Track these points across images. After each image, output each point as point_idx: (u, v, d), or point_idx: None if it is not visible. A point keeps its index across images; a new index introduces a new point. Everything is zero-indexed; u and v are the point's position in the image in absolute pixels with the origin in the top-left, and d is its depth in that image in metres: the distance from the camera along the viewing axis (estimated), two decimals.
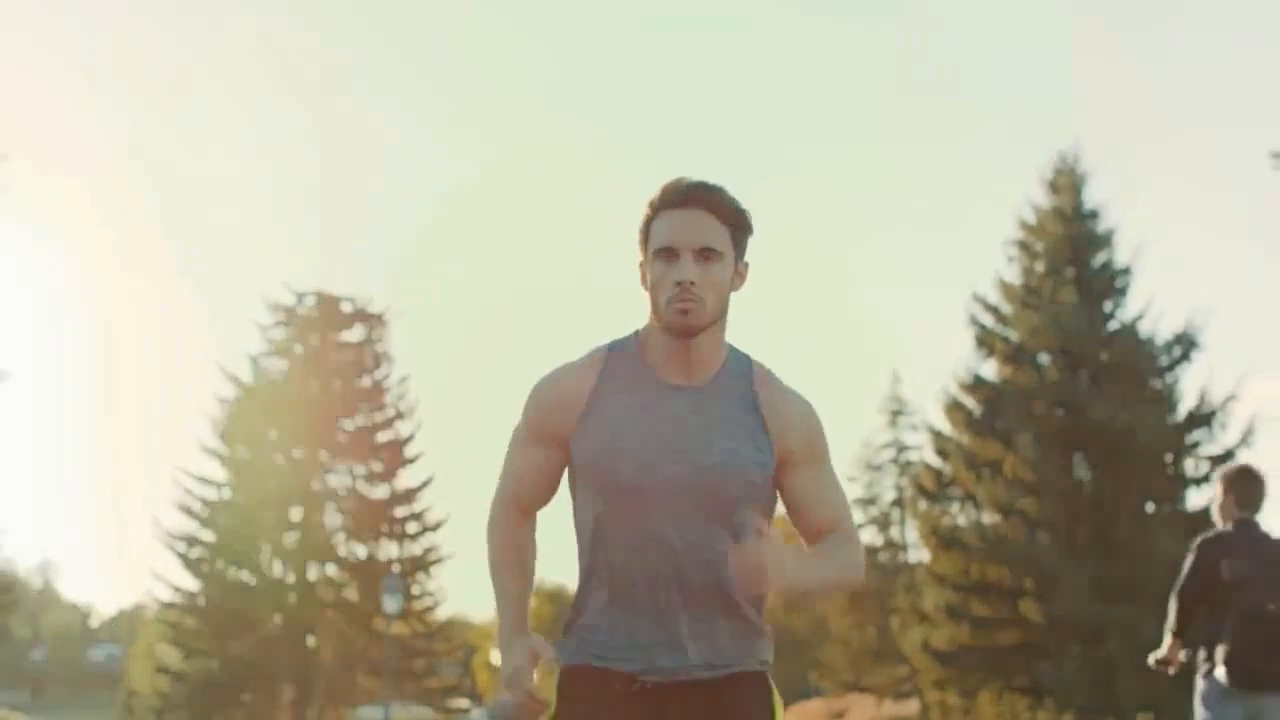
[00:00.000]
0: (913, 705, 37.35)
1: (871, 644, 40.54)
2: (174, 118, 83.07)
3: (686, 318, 3.16)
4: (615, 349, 3.31)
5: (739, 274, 3.26)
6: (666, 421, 3.21)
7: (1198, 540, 6.92)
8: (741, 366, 3.30)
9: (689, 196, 3.20)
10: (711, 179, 3.28)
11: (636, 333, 3.32)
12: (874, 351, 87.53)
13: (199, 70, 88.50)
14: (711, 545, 3.19)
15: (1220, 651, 6.65)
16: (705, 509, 3.18)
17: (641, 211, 3.29)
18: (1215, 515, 7.08)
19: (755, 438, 3.23)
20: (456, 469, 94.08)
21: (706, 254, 3.17)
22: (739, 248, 3.25)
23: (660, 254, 3.19)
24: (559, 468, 3.33)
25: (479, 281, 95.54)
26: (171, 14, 79.69)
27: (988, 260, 73.93)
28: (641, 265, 3.27)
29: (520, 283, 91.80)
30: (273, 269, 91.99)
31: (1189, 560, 6.85)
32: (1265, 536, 6.81)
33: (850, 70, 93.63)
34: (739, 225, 3.23)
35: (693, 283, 3.14)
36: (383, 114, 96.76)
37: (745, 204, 3.28)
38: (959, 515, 31.38)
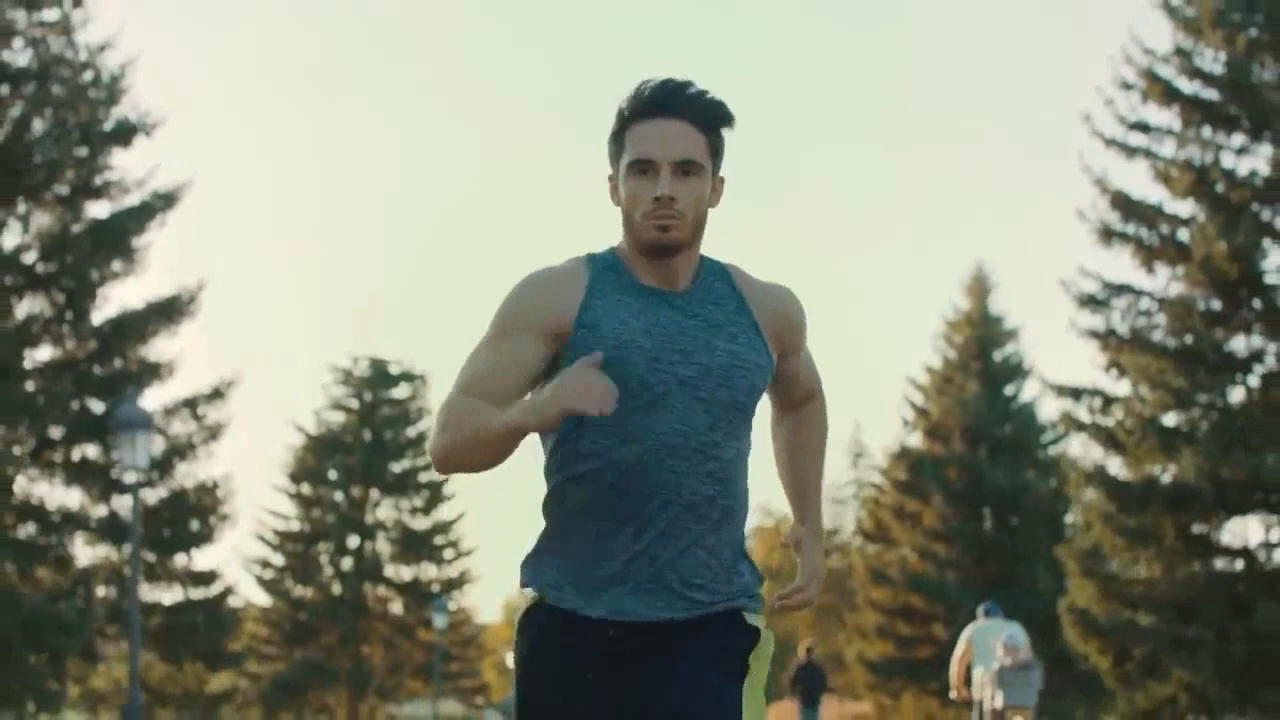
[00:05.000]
0: (865, 705, 48.92)
1: (832, 652, 52.16)
2: (174, 120, 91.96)
3: (667, 235, 3.10)
4: (595, 258, 3.25)
5: (715, 190, 3.20)
6: (666, 322, 3.16)
7: (795, 670, 21.62)
8: (718, 270, 3.27)
9: (669, 105, 3.14)
10: (685, 77, 3.19)
11: (613, 247, 3.26)
12: (874, 354, 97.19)
13: (198, 74, 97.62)
14: (714, 454, 3.16)
15: (800, 693, 20.67)
16: (710, 414, 3.15)
17: (613, 117, 3.20)
18: (801, 657, 21.02)
19: (753, 341, 3.21)
20: (486, 505, 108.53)
21: (685, 168, 3.11)
22: (716, 160, 3.19)
23: (635, 167, 3.12)
24: (540, 365, 3.17)
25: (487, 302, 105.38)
26: (170, 19, 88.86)
27: (1007, 246, 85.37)
28: (611, 179, 3.21)
29: None
30: (275, 280, 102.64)
31: (794, 673, 21.29)
32: (810, 665, 21.22)
33: (852, 77, 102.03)
34: (719, 135, 3.19)
35: (673, 198, 3.08)
36: (384, 124, 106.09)
37: (730, 108, 3.21)
38: (892, 554, 43.03)
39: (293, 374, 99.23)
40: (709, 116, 3.17)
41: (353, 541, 47.64)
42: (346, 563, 47.61)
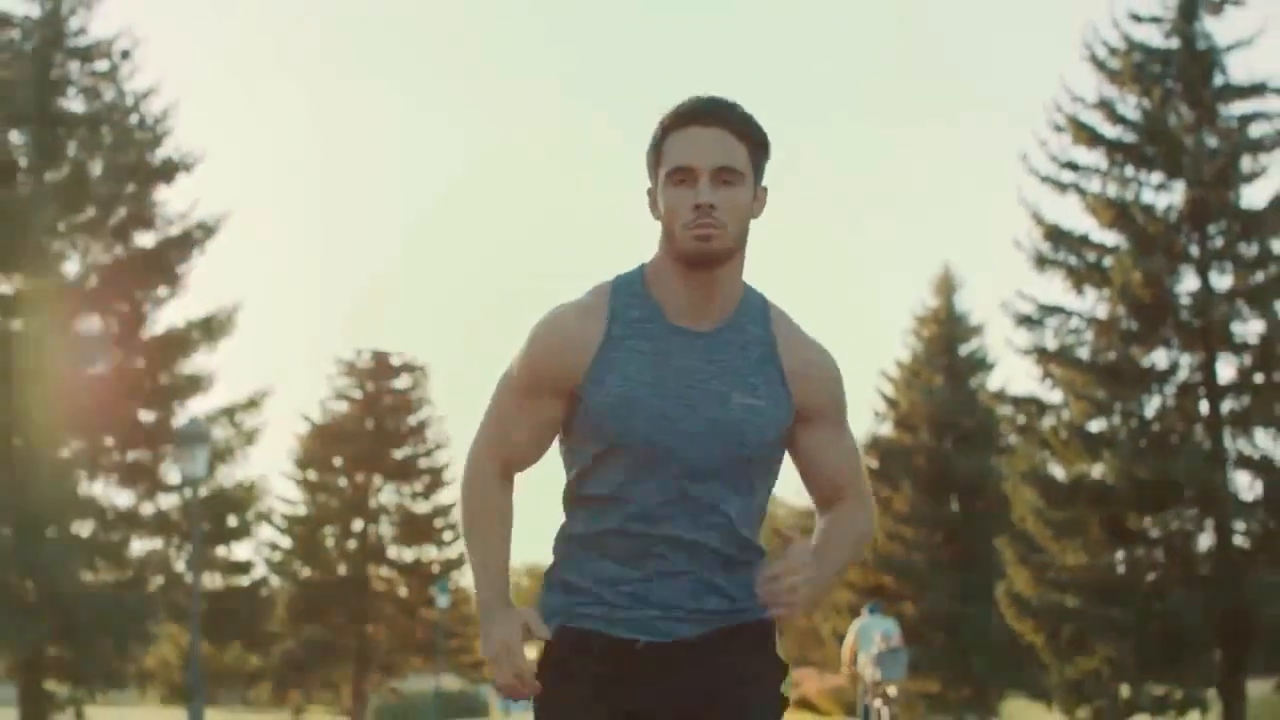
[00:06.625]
0: (842, 678, 53.15)
1: (813, 628, 56.51)
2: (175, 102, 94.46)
3: (709, 244, 3.12)
4: (620, 287, 3.27)
5: (758, 199, 3.23)
6: (681, 371, 3.18)
7: None
8: (757, 306, 3.28)
9: (706, 113, 3.18)
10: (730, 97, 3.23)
11: (643, 266, 3.28)
12: (869, 335, 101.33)
13: (198, 53, 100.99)
14: (719, 508, 3.21)
15: None
16: (719, 467, 3.19)
17: (652, 130, 3.23)
18: None
19: (774, 392, 3.23)
20: None
21: (727, 175, 3.14)
22: (758, 170, 3.22)
23: (675, 175, 3.15)
24: (557, 422, 3.30)
25: (490, 281, 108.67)
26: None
27: (977, 244, 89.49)
28: (651, 191, 3.23)
29: (535, 283, 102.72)
30: (275, 271, 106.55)
31: None
32: None
33: (845, 55, 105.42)
34: (759, 144, 3.22)
35: (713, 206, 3.11)
36: (387, 100, 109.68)
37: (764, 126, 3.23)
38: None
39: (299, 366, 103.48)
40: (749, 126, 3.20)
41: (357, 525, 51.06)
42: (351, 545, 51.08)
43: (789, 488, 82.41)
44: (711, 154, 3.15)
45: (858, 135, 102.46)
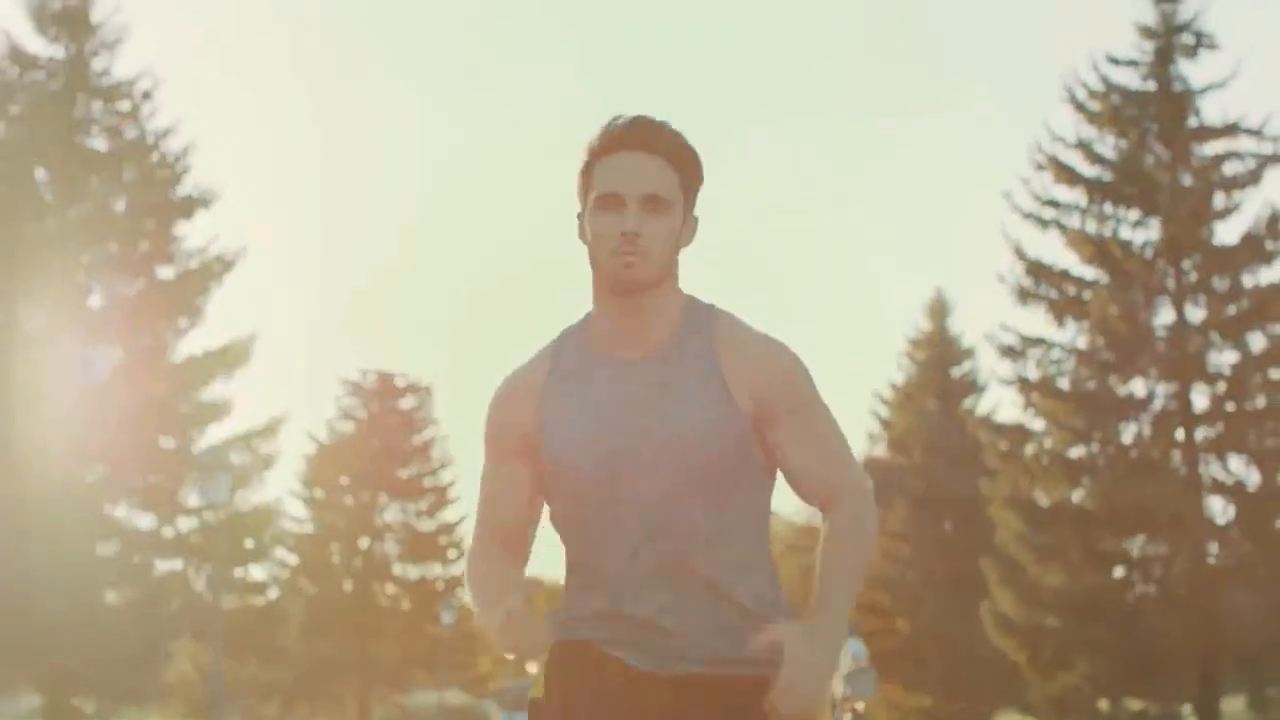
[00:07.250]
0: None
1: None
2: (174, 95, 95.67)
3: (631, 271, 3.12)
4: (564, 335, 3.29)
5: (686, 226, 3.20)
6: (619, 402, 3.17)
7: None
8: (700, 320, 3.23)
9: (634, 138, 3.15)
10: (659, 116, 3.21)
11: (588, 313, 3.28)
12: (858, 329, 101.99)
13: (198, 49, 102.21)
14: (683, 528, 3.13)
15: None
16: (672, 489, 3.13)
17: (580, 154, 3.21)
18: None
19: (719, 400, 3.13)
20: None
21: (653, 203, 3.12)
22: (689, 197, 3.20)
23: (602, 202, 3.14)
24: (532, 481, 3.28)
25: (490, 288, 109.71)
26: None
27: (970, 236, 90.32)
28: (580, 216, 3.21)
29: (540, 304, 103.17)
30: (280, 294, 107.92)
31: None
32: None
33: (853, 55, 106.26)
34: (689, 171, 3.19)
35: (638, 234, 3.10)
36: (384, 112, 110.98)
37: (701, 152, 3.22)
38: None
39: (303, 388, 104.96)
40: (681, 152, 3.18)
41: (363, 543, 52.31)
42: (357, 563, 52.29)
43: (787, 501, 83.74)
44: (640, 181, 3.13)
45: (858, 135, 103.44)
